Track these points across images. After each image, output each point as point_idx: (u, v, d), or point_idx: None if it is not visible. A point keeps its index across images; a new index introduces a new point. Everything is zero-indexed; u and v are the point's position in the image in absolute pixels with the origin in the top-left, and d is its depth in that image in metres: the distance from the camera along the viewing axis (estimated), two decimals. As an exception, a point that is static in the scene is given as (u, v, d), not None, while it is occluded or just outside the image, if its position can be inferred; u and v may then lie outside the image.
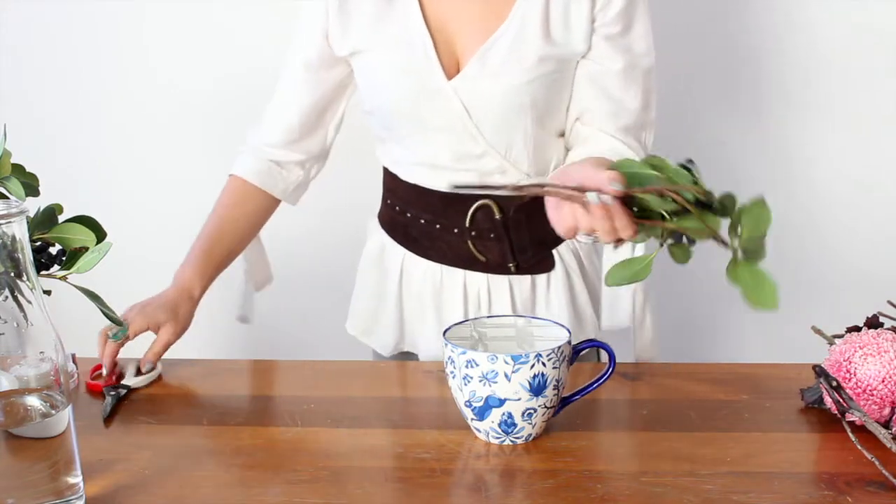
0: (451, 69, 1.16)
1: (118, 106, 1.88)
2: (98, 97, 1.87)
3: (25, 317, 0.73)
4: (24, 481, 0.73)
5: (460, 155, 1.18)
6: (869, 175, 1.80)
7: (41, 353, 0.74)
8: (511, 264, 1.22)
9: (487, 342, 0.97)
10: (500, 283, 1.24)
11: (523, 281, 1.23)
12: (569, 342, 0.89)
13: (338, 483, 0.82)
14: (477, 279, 1.24)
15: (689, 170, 0.86)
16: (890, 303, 0.99)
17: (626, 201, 0.86)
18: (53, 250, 0.99)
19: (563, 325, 0.93)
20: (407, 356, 1.32)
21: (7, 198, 0.95)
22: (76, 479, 0.77)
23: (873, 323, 0.95)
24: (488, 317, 0.99)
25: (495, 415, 0.87)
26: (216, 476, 0.85)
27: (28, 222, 0.78)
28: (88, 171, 1.90)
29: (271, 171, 1.29)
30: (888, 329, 0.93)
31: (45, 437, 0.74)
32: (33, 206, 0.91)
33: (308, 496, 0.80)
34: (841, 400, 0.89)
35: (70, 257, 0.97)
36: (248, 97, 1.83)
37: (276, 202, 1.31)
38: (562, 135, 1.21)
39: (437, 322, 1.25)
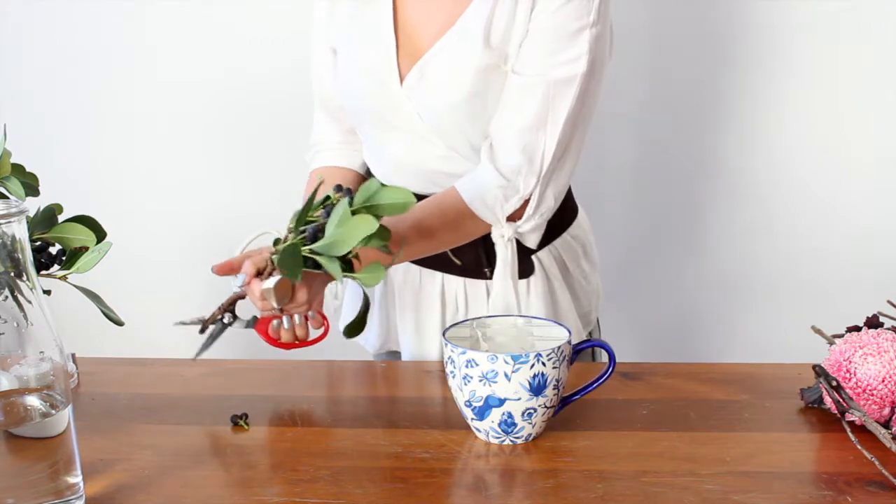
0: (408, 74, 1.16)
1: (118, 106, 1.88)
2: (98, 97, 1.88)
3: (25, 317, 0.73)
4: (24, 481, 0.73)
5: (425, 156, 1.19)
6: (869, 175, 1.80)
7: (41, 353, 0.74)
8: (486, 269, 1.22)
9: (487, 342, 0.97)
10: (477, 287, 1.24)
11: None
12: (569, 342, 0.89)
13: (338, 483, 0.82)
14: (454, 283, 1.24)
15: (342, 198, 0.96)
16: (890, 303, 0.99)
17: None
18: (53, 250, 0.99)
19: (563, 325, 0.93)
20: (395, 355, 1.34)
21: (7, 198, 0.96)
22: (76, 479, 0.77)
23: (873, 323, 0.95)
24: (488, 317, 0.99)
25: (495, 415, 0.87)
26: (216, 476, 0.85)
27: (28, 222, 0.78)
28: (88, 171, 1.90)
29: (344, 153, 1.30)
30: (888, 329, 0.93)
31: (45, 437, 0.74)
32: (33, 206, 0.91)
33: (308, 496, 0.80)
34: (841, 400, 0.89)
35: (70, 257, 0.97)
36: (249, 97, 1.84)
37: (359, 177, 1.32)
38: None
39: (416, 324, 1.26)
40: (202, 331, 1.05)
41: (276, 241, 1.01)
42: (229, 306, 1.04)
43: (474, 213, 1.13)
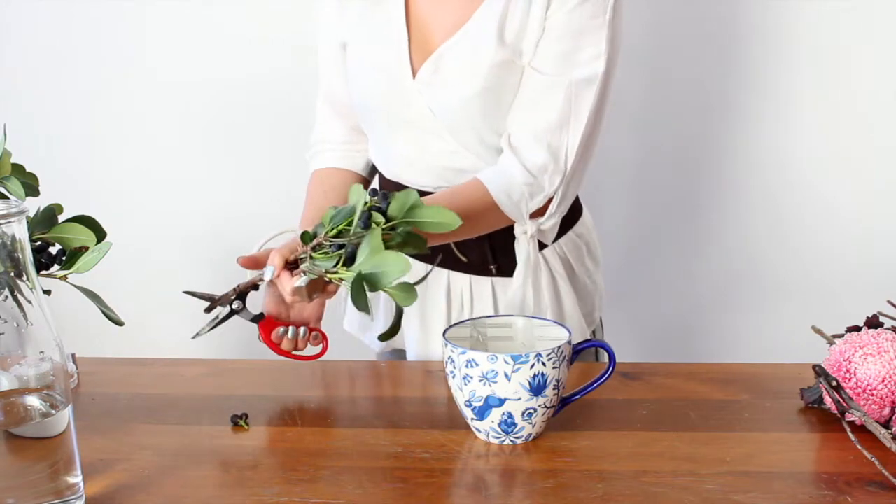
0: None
1: (118, 106, 1.88)
2: (98, 97, 1.88)
3: (25, 317, 0.73)
4: (24, 481, 0.73)
5: (434, 152, 1.19)
6: (868, 175, 1.80)
7: (41, 353, 0.74)
8: (492, 266, 1.22)
9: (487, 342, 0.97)
10: (482, 284, 1.24)
11: (506, 283, 1.23)
12: (569, 342, 0.89)
13: (338, 483, 0.82)
14: (460, 280, 1.24)
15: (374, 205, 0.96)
16: (890, 303, 0.99)
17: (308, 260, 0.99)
18: (53, 250, 0.99)
19: (563, 325, 0.93)
20: (400, 353, 1.33)
21: (7, 198, 0.96)
22: (76, 479, 0.77)
23: (873, 323, 0.95)
24: (488, 317, 0.99)
25: (495, 415, 0.87)
26: (216, 476, 0.85)
27: (28, 222, 0.78)
28: (88, 171, 1.90)
29: (347, 153, 1.30)
30: (888, 329, 0.93)
31: (45, 437, 0.74)
32: (33, 206, 0.91)
33: (308, 496, 0.80)
34: (841, 400, 0.89)
35: (70, 257, 0.97)
36: (248, 97, 1.84)
37: (362, 179, 1.32)
38: None
39: (421, 321, 1.26)
40: (209, 309, 1.05)
41: (305, 237, 0.99)
42: (245, 289, 1.05)
43: (499, 206, 1.13)
